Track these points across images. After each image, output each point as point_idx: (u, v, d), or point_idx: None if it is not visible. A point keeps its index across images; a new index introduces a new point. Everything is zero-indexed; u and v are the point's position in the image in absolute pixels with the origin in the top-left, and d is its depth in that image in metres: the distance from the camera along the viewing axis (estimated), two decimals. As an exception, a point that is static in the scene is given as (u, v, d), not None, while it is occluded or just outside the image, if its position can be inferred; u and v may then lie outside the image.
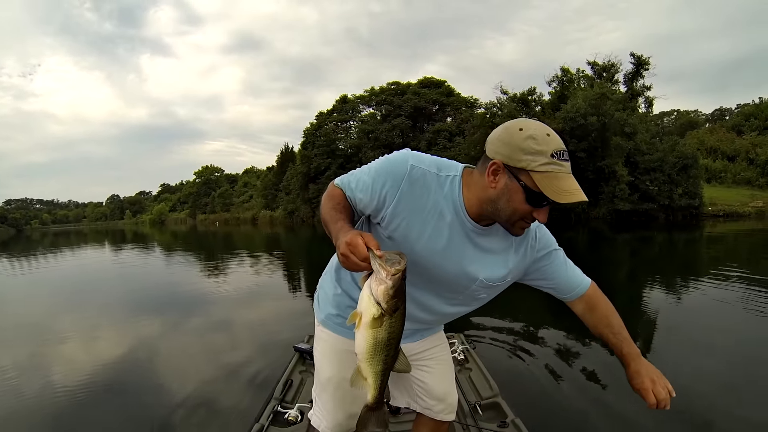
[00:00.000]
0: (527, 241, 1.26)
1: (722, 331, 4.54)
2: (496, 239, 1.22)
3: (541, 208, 1.07)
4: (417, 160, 1.15)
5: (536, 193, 1.03)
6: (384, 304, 0.99)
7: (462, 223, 1.16)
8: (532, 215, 1.08)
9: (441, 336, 1.58)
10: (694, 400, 2.96)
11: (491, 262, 1.22)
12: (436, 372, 1.51)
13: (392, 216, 1.15)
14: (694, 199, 23.27)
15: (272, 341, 4.53)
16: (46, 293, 8.98)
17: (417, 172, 1.13)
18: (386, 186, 1.13)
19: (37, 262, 16.13)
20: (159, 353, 4.42)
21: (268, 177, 58.43)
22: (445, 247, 1.17)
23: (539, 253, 1.28)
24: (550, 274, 1.31)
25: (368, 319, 1.01)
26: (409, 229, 1.15)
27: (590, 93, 25.06)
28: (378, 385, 1.10)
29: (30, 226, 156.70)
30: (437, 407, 1.51)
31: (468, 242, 1.19)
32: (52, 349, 4.75)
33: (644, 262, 10.45)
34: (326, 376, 1.43)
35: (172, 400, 3.23)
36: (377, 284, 0.98)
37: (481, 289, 1.25)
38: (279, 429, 2.31)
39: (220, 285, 8.77)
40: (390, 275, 0.97)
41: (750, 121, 40.53)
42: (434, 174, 1.15)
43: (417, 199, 1.13)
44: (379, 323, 1.02)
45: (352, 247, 0.97)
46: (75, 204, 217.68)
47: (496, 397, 2.57)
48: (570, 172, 1.04)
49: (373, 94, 43.97)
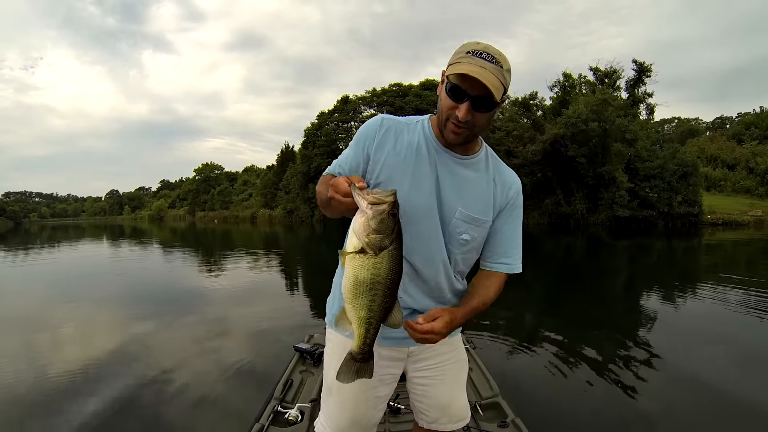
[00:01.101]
0: (504, 186, 1.32)
1: (720, 336, 4.55)
2: (474, 171, 1.29)
3: (460, 104, 1.12)
4: (388, 117, 1.31)
5: (452, 85, 1.12)
6: (364, 237, 0.96)
7: (438, 152, 1.26)
8: (455, 113, 1.13)
9: (453, 342, 1.47)
10: (692, 401, 2.99)
11: (469, 192, 1.27)
12: (439, 383, 1.43)
13: (374, 163, 1.25)
14: (693, 207, 23.31)
15: (272, 341, 4.53)
16: (43, 287, 8.94)
17: (388, 122, 1.29)
18: (366, 144, 1.27)
19: (35, 255, 16.09)
20: (158, 352, 4.40)
21: (268, 176, 58.39)
22: (424, 177, 1.24)
23: (509, 200, 1.33)
24: (498, 228, 1.33)
25: (349, 253, 0.99)
26: (391, 169, 1.24)
27: (592, 99, 25.11)
28: (362, 333, 1.06)
29: (29, 219, 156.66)
30: (443, 419, 1.45)
31: (446, 172, 1.25)
32: (46, 345, 4.72)
33: (643, 268, 10.46)
34: (331, 378, 1.39)
35: (172, 400, 3.22)
36: (359, 216, 0.96)
37: (461, 224, 1.26)
38: (279, 429, 2.31)
39: (219, 283, 8.75)
40: (370, 204, 0.94)
41: (750, 130, 40.68)
42: (404, 122, 1.30)
43: (393, 143, 1.26)
44: (361, 261, 0.98)
45: (334, 186, 1.02)
46: (74, 198, 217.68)
47: (496, 397, 2.57)
48: (483, 66, 1.08)
49: (374, 95, 43.96)
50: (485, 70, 1.07)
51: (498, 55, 1.10)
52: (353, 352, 1.10)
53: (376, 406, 1.38)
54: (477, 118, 1.14)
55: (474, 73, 1.05)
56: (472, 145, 1.30)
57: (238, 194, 72.33)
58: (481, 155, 1.32)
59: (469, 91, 1.10)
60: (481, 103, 1.11)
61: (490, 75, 1.07)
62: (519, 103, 30.01)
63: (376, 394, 1.37)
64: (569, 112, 25.05)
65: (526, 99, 30.05)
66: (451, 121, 1.16)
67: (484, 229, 1.30)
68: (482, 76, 1.05)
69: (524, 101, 30.04)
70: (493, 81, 1.06)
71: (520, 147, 27.03)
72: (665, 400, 3.03)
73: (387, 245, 0.98)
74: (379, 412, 1.41)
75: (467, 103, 1.11)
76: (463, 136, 1.18)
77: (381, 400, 1.40)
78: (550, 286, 7.83)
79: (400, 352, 1.38)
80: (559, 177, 26.62)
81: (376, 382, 1.35)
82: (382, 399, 1.40)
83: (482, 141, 1.35)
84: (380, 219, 0.95)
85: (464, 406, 1.49)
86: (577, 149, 24.55)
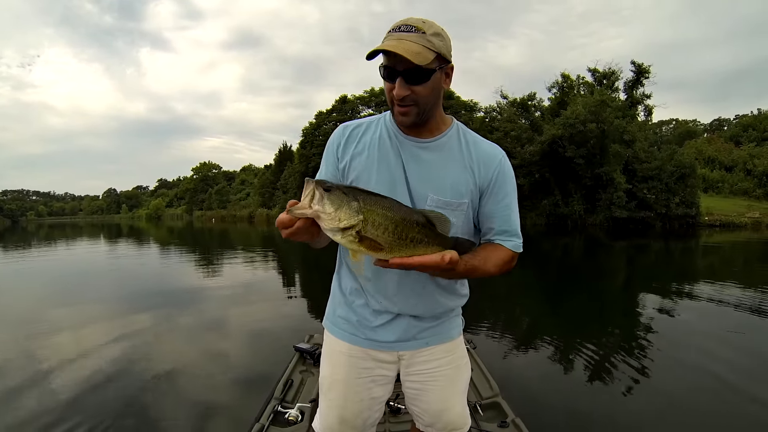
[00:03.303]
0: (481, 162, 1.25)
1: (718, 337, 4.56)
2: (440, 152, 1.24)
3: (393, 83, 1.12)
4: (350, 123, 1.33)
5: (383, 67, 1.13)
6: (338, 223, 0.96)
7: (400, 141, 1.24)
8: (393, 94, 1.13)
9: (451, 347, 1.41)
10: (691, 401, 3.00)
11: (437, 176, 1.22)
12: (432, 389, 1.38)
13: (343, 170, 1.28)
14: (690, 209, 23.42)
15: (272, 341, 4.52)
16: (39, 286, 8.90)
17: (350, 127, 1.31)
18: (333, 155, 1.30)
19: (31, 253, 16.04)
20: (158, 352, 4.38)
21: (266, 175, 58.44)
22: (390, 169, 1.23)
23: (491, 178, 1.25)
24: (490, 211, 1.27)
25: (354, 246, 0.99)
26: (357, 169, 1.25)
27: (590, 100, 25.20)
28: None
29: (26, 217, 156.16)
30: (438, 425, 1.40)
31: (411, 159, 1.23)
32: (44, 344, 4.70)
33: (640, 270, 10.48)
34: (323, 376, 1.41)
35: (172, 400, 3.22)
36: (321, 223, 0.96)
37: (436, 210, 1.17)
38: (279, 429, 2.31)
39: (218, 283, 8.73)
40: (309, 203, 0.95)
41: (748, 132, 40.89)
42: (366, 122, 1.32)
43: (355, 144, 1.28)
44: (357, 241, 0.98)
45: (280, 225, 1.01)
46: (71, 197, 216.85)
47: (496, 397, 2.58)
48: (399, 38, 1.08)
49: (373, 95, 43.97)
50: (401, 41, 1.06)
51: (419, 23, 1.09)
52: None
53: (371, 407, 1.37)
54: (416, 92, 1.12)
55: (389, 47, 1.05)
56: (436, 124, 1.25)
57: (236, 193, 72.36)
58: (450, 134, 1.26)
59: (397, 67, 1.09)
60: (412, 75, 1.09)
61: (407, 43, 1.06)
62: (517, 104, 30.09)
63: (371, 395, 1.35)
64: (567, 113, 25.13)
65: (524, 99, 30.13)
66: (396, 103, 1.15)
67: (461, 212, 1.23)
68: (396, 48, 1.04)
69: (522, 102, 30.12)
70: (409, 48, 1.05)
71: (518, 148, 27.09)
72: (664, 400, 3.04)
73: (357, 207, 0.97)
74: (375, 413, 1.39)
75: (399, 79, 1.10)
76: (411, 114, 1.16)
77: (376, 401, 1.38)
78: (548, 286, 7.84)
79: (390, 355, 1.35)
80: (556, 178, 26.69)
81: (368, 382, 1.34)
82: (378, 400, 1.38)
83: (453, 120, 1.30)
84: (325, 202, 0.95)
85: (461, 414, 1.40)
86: (575, 150, 24.64)
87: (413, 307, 1.31)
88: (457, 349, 1.42)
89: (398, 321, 1.32)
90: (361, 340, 1.34)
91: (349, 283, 1.36)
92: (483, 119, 32.13)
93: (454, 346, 1.41)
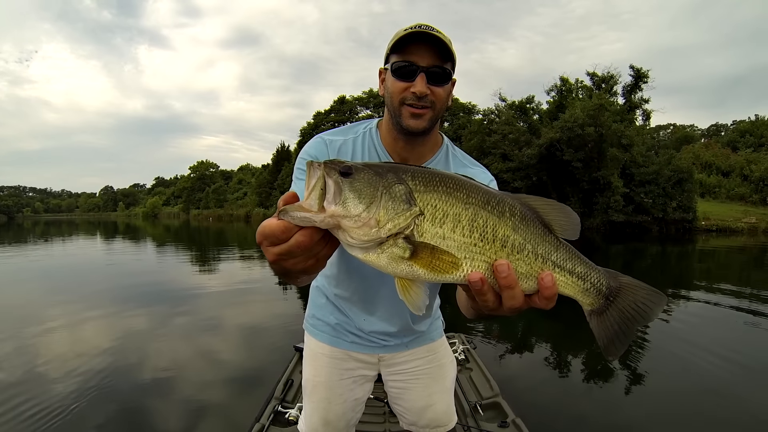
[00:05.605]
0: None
1: (715, 341, 4.58)
2: None
3: (413, 80, 1.04)
4: (329, 135, 1.21)
5: (400, 64, 1.04)
6: (380, 229, 0.60)
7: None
8: (411, 92, 1.04)
9: (433, 347, 1.41)
10: (689, 401, 3.02)
11: None
12: (413, 387, 1.39)
13: None
14: (687, 213, 23.51)
15: (272, 341, 4.52)
16: (36, 284, 8.85)
17: (333, 140, 1.19)
18: None
19: (27, 250, 15.96)
20: (158, 352, 4.37)
21: (263, 175, 58.32)
22: None
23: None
24: None
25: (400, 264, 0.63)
26: None
27: (588, 103, 25.24)
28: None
29: (22, 213, 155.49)
30: (420, 422, 1.41)
31: None
32: (42, 345, 4.69)
33: (637, 273, 10.49)
34: (305, 378, 1.40)
35: (173, 400, 3.21)
36: (340, 233, 0.61)
37: None
38: (279, 429, 2.31)
39: (216, 282, 8.71)
40: (319, 197, 0.59)
41: (745, 138, 41.09)
42: (345, 138, 1.20)
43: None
44: (409, 256, 0.62)
45: (264, 235, 0.64)
46: (68, 194, 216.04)
47: (496, 397, 2.59)
48: (428, 32, 1.01)
49: (371, 95, 44.04)
50: (433, 32, 1.01)
51: (437, 29, 1.04)
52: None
53: (354, 407, 1.38)
54: (436, 93, 1.06)
55: (417, 34, 1.00)
56: (431, 145, 1.21)
57: (233, 193, 72.15)
58: (439, 157, 1.22)
59: (420, 63, 1.03)
60: (435, 74, 1.04)
61: (440, 35, 1.01)
62: (515, 107, 30.13)
63: (354, 396, 1.37)
64: (566, 117, 25.17)
65: (522, 102, 30.17)
66: (408, 103, 1.06)
67: None
68: (434, 33, 1.00)
69: (521, 105, 30.15)
70: (445, 39, 1.01)
71: (515, 150, 27.11)
72: (662, 400, 3.05)
73: (406, 192, 0.61)
74: (357, 413, 1.40)
75: (421, 75, 1.03)
76: (426, 118, 1.07)
77: (359, 402, 1.39)
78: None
79: (370, 357, 1.36)
80: (554, 181, 26.73)
81: (350, 383, 1.35)
82: (360, 401, 1.40)
83: (444, 139, 1.26)
84: (347, 194, 0.59)
85: (445, 411, 1.40)
86: (572, 153, 24.69)
87: (396, 326, 1.31)
88: (440, 348, 1.43)
89: (379, 327, 1.32)
90: (341, 342, 1.34)
91: (330, 289, 1.34)
92: (481, 122, 32.14)
93: (436, 346, 1.42)
